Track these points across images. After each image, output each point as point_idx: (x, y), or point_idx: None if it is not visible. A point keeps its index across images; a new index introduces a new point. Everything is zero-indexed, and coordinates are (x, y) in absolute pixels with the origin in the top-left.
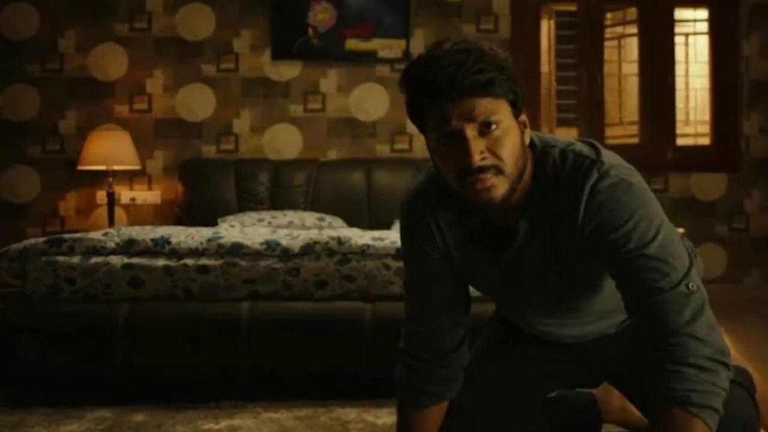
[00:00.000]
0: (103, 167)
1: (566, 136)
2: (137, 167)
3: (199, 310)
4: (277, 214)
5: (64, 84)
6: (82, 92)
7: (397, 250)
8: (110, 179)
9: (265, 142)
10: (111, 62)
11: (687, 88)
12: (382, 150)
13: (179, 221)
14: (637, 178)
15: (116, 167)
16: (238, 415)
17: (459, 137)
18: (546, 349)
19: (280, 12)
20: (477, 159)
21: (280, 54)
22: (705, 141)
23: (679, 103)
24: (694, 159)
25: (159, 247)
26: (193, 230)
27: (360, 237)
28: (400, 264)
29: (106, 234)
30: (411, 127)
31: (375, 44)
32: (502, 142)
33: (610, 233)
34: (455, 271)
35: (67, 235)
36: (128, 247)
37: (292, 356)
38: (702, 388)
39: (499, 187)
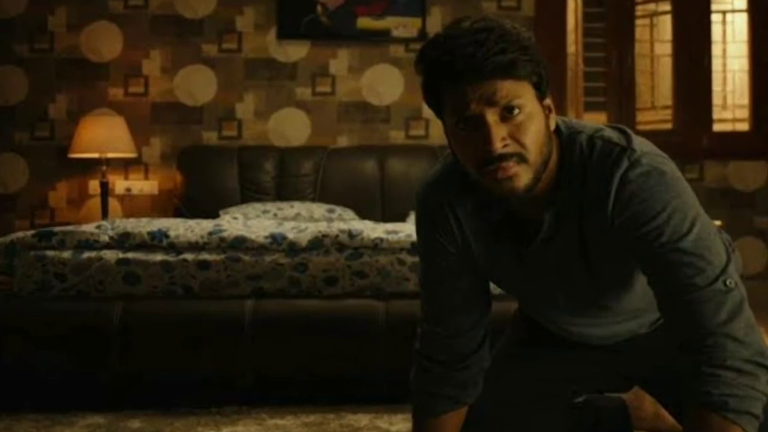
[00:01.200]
0: (96, 155)
1: (594, 121)
2: (133, 155)
3: (200, 309)
4: (283, 205)
5: (54, 65)
6: (73, 74)
7: (413, 244)
8: (104, 168)
9: (271, 127)
10: (104, 42)
11: (724, 70)
12: (397, 136)
13: (178, 213)
14: (670, 166)
15: (110, 155)
16: (241, 421)
17: (479, 122)
18: (573, 351)
19: None
20: (498, 146)
21: (286, 33)
22: (743, 126)
23: (716, 85)
24: (731, 146)
25: (156, 241)
26: (192, 223)
27: (372, 230)
28: (416, 259)
29: (99, 227)
30: (427, 112)
31: (389, 22)
32: (526, 127)
33: (641, 226)
34: (475, 267)
35: (57, 228)
36: (123, 240)
37: (300, 358)
38: (740, 392)
39: (522, 176)
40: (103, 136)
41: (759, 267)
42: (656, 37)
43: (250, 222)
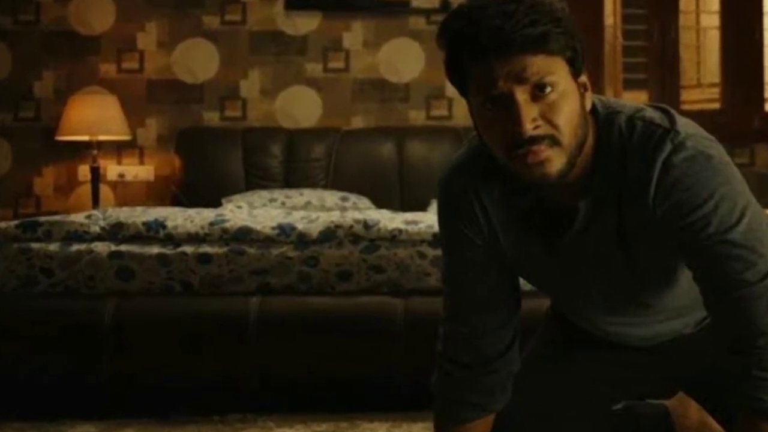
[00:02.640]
0: (86, 138)
1: (634, 100)
2: (126, 137)
3: (200, 307)
4: (292, 193)
5: (40, 39)
6: (61, 49)
7: (434, 235)
8: (94, 152)
9: (278, 107)
10: (95, 13)
11: None
12: (417, 117)
13: (176, 201)
14: (718, 150)
15: (102, 137)
16: (246, 430)
17: (507, 102)
18: (611, 353)
19: None
20: (529, 127)
21: (295, 3)
22: None
23: None
24: None
25: (152, 232)
26: (192, 212)
27: (390, 220)
28: (438, 252)
29: (89, 216)
30: (450, 90)
31: None
32: (559, 107)
33: (686, 216)
34: (502, 260)
35: (43, 218)
36: (116, 232)
37: (310, 361)
38: None
39: (555, 160)
40: (94, 116)
41: None
42: (702, 8)
43: (256, 211)
